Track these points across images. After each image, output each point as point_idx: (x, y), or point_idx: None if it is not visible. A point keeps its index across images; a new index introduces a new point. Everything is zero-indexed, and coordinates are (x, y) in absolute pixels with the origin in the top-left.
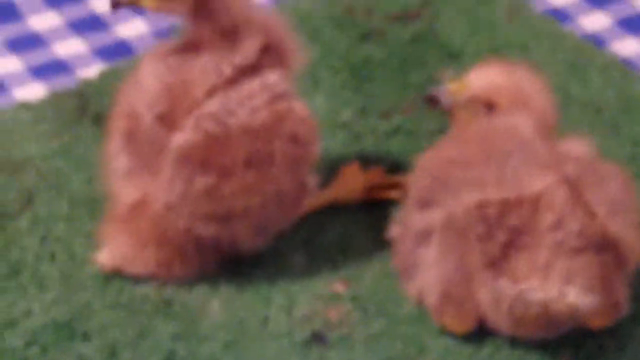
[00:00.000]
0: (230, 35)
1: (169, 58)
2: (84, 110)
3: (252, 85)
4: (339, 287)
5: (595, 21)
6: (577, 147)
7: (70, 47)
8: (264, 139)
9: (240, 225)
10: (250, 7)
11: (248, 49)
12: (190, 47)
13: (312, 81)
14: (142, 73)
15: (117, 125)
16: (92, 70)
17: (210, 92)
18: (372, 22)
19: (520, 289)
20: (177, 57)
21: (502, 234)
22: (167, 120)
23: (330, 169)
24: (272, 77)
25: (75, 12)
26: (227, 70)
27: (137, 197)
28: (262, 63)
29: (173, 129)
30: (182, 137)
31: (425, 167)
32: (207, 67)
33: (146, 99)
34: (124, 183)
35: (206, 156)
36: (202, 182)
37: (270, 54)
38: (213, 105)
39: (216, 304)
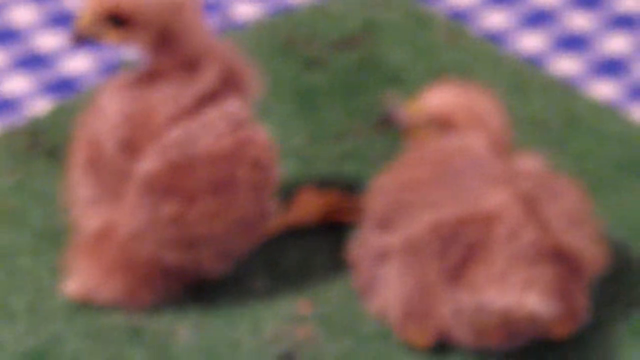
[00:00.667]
0: (190, 65)
1: (129, 88)
2: (36, 146)
3: (214, 113)
4: (303, 308)
5: (532, 42)
6: (529, 163)
7: (16, 84)
8: (227, 166)
9: (205, 251)
10: (209, 37)
11: (207, 78)
12: (150, 77)
13: (260, 110)
14: (103, 102)
15: (79, 154)
16: (40, 107)
17: (172, 121)
18: (314, 51)
19: (479, 299)
20: (138, 87)
21: (459, 249)
22: (130, 148)
23: (286, 194)
24: (233, 105)
25: (19, 49)
26: (187, 99)
27: (101, 225)
28: (221, 91)
29: (136, 157)
30: (145, 165)
31: (382, 189)
32: (167, 96)
33: (108, 128)
34: (87, 212)
35: (170, 184)
36: (166, 209)
37: (229, 82)
38: (176, 133)
39: (185, 330)
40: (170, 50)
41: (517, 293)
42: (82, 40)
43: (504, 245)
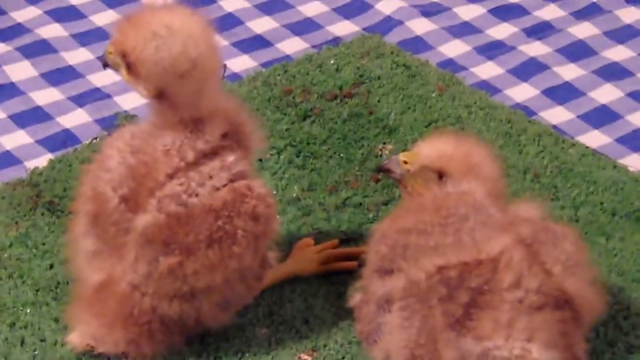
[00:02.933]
0: (194, 121)
1: (132, 140)
2: (37, 199)
3: (212, 165)
4: (305, 356)
5: (522, 92)
6: (527, 210)
7: (15, 139)
8: (225, 218)
9: (205, 303)
10: (217, 92)
11: (210, 135)
12: (153, 130)
13: (257, 161)
14: (105, 154)
15: (82, 207)
16: (40, 161)
17: (172, 175)
18: (310, 102)
19: (484, 347)
20: (140, 140)
21: (464, 294)
22: (131, 201)
23: (284, 244)
24: (231, 158)
25: (17, 105)
26: (190, 156)
27: (102, 278)
28: (223, 147)
29: (137, 210)
30: (145, 218)
31: (383, 235)
32: (170, 151)
33: (111, 181)
34: (89, 264)
35: (169, 236)
36: (165, 261)
37: (231, 138)
38: (174, 186)
39: None
40: (173, 107)
41: (522, 343)
42: (106, 65)
43: (509, 291)
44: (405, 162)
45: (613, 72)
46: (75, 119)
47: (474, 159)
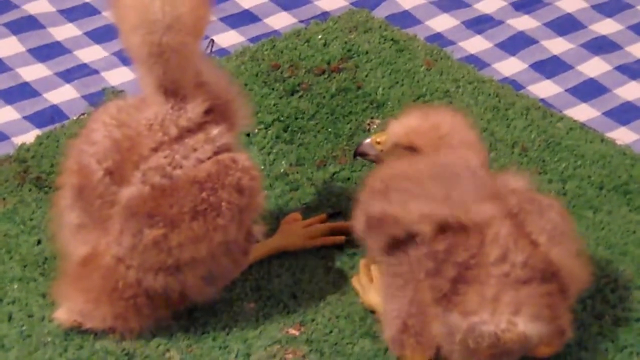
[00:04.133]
0: (175, 97)
1: (118, 114)
2: (25, 174)
3: (196, 138)
4: (293, 331)
5: (511, 66)
6: (514, 180)
7: (3, 115)
8: (209, 190)
9: (190, 276)
10: (200, 69)
11: (192, 113)
12: (138, 105)
13: (245, 135)
14: (90, 128)
15: (68, 180)
16: (27, 137)
17: (156, 149)
18: (297, 77)
19: (471, 322)
20: (126, 114)
21: (451, 269)
22: (116, 174)
23: (272, 219)
24: (215, 131)
25: (4, 81)
26: (173, 131)
27: (87, 251)
28: (207, 121)
29: (121, 183)
30: (129, 191)
31: (378, 176)
32: (153, 125)
33: (96, 155)
34: (74, 238)
35: (153, 208)
36: (150, 233)
37: (216, 113)
38: (159, 158)
39: (176, 354)
40: (161, 75)
41: (508, 316)
42: None
43: (495, 266)
44: (378, 143)
45: (601, 46)
46: (63, 94)
47: (442, 129)
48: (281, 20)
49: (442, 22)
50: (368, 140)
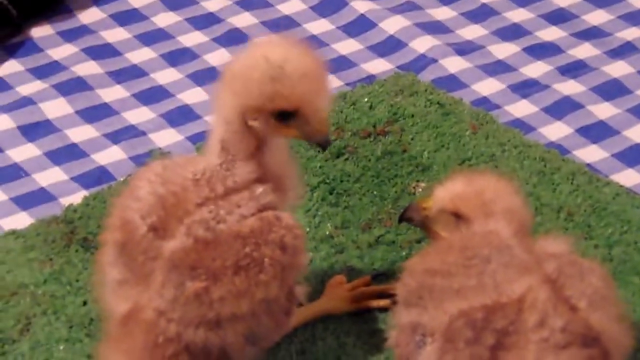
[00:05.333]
0: (229, 153)
1: (163, 172)
2: (72, 235)
3: (241, 195)
4: None
5: (557, 130)
6: (554, 245)
7: (50, 176)
8: (252, 245)
9: (230, 332)
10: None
11: (241, 175)
12: (184, 163)
13: None
14: (135, 184)
15: (110, 237)
16: (74, 198)
17: (202, 204)
18: (343, 140)
19: None
20: (170, 171)
21: (489, 337)
22: (160, 230)
23: (317, 282)
24: (260, 189)
25: (52, 142)
26: (220, 188)
27: (128, 307)
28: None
29: (165, 238)
30: (173, 244)
31: (411, 272)
32: (200, 181)
33: (140, 210)
34: (116, 294)
35: (196, 261)
36: (192, 286)
37: (267, 180)
38: (203, 213)
39: None
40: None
41: None
42: None
43: (534, 332)
44: (424, 208)
45: None
46: (110, 156)
47: (486, 195)
48: None
49: (488, 86)
50: (414, 204)
